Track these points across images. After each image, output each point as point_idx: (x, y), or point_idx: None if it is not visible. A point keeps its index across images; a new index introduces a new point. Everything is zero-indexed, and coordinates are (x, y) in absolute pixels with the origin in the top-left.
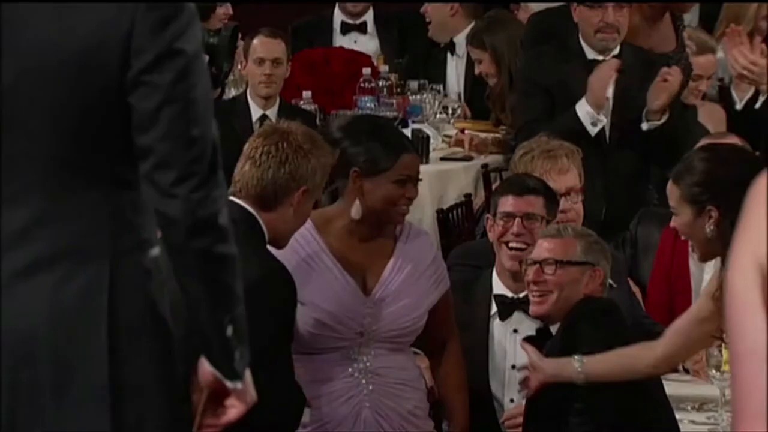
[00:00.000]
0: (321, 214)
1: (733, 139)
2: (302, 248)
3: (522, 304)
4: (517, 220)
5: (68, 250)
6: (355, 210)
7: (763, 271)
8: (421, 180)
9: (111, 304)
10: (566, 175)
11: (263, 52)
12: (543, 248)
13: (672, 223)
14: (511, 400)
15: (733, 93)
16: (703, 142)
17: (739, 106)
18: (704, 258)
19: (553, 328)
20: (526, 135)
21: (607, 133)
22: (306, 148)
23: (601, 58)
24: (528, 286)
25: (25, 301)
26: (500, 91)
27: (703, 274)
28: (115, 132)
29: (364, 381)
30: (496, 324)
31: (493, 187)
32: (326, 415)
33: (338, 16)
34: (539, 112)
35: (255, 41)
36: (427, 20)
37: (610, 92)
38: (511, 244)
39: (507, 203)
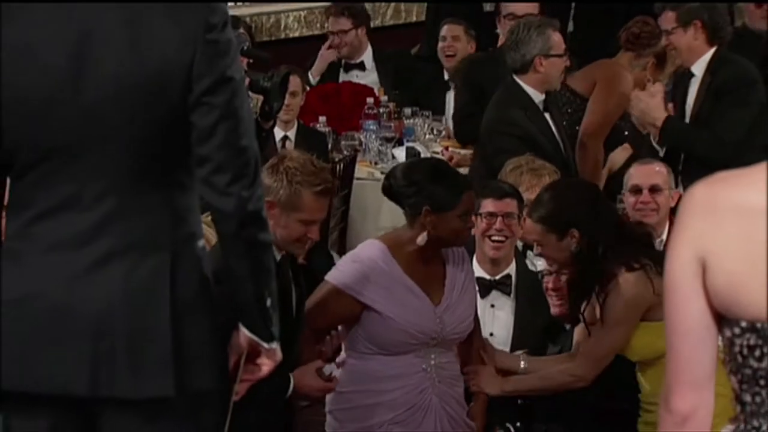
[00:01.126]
0: (394, 240)
1: (659, 165)
2: (387, 272)
3: (499, 285)
4: (499, 218)
5: (137, 242)
6: (421, 239)
7: (702, 264)
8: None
9: (172, 285)
10: None
11: None
12: None
13: (536, 252)
14: None
15: (653, 141)
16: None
17: (661, 154)
18: (570, 276)
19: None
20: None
21: (563, 151)
22: (281, 169)
23: (543, 97)
24: (546, 291)
25: (103, 285)
26: None
27: None
28: (176, 144)
29: (434, 375)
30: (478, 301)
31: None
32: (402, 405)
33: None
34: (508, 150)
35: None
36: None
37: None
38: (494, 238)
39: (489, 205)
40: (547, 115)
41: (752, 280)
